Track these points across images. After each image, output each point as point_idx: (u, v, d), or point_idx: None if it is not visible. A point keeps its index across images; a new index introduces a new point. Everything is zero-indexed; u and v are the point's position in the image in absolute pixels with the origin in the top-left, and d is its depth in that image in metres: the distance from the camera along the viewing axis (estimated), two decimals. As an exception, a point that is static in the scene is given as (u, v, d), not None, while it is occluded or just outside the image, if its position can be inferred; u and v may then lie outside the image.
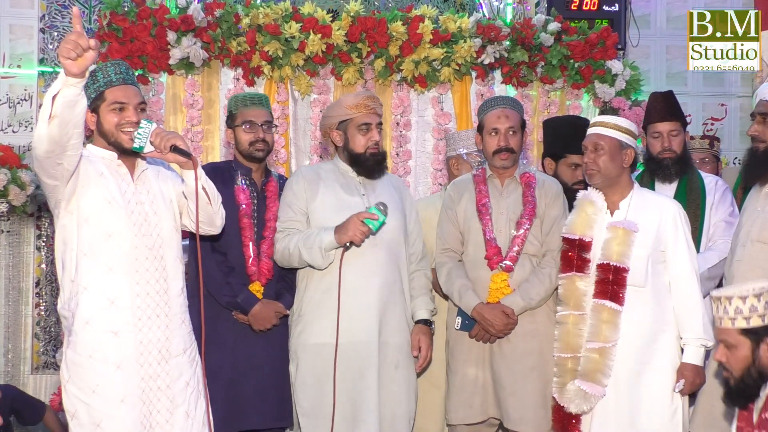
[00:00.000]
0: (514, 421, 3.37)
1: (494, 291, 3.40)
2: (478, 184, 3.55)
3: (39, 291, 5.13)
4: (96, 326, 2.69)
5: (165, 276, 2.81)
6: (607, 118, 3.32)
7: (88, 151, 2.80)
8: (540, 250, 3.47)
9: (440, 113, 5.22)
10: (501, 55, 5.13)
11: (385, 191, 3.47)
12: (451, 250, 3.56)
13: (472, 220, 3.50)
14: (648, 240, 3.15)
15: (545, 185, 3.54)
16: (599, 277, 3.15)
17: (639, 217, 3.19)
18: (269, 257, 3.45)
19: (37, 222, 5.12)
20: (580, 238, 3.20)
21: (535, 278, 3.41)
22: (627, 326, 3.14)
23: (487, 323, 3.35)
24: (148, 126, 2.68)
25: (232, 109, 3.56)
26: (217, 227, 2.99)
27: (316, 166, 3.65)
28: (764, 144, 3.20)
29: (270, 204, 3.52)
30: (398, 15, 5.04)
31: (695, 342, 3.12)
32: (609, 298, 3.11)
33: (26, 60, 5.20)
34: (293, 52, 4.93)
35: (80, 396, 2.68)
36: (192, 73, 4.97)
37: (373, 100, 3.45)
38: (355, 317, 3.30)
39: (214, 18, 4.87)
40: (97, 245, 2.70)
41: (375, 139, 3.41)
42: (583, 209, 3.26)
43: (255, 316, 3.36)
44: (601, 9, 5.44)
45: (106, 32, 4.80)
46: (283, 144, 5.04)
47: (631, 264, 3.13)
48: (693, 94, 5.88)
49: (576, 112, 5.30)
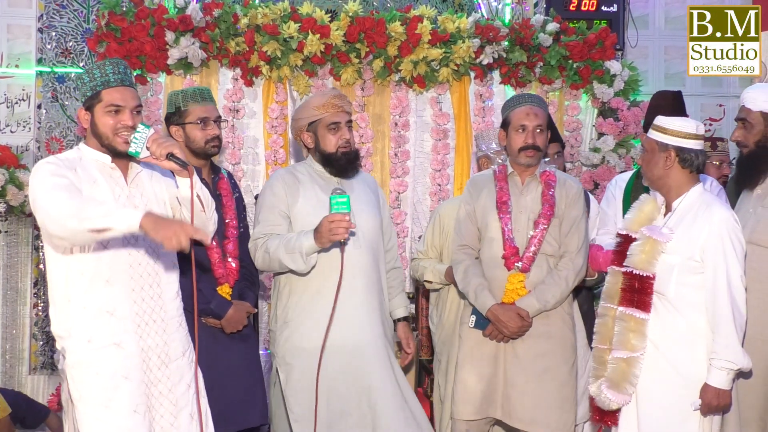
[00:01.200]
0: (524, 422, 3.35)
1: (510, 291, 3.38)
2: (499, 181, 3.51)
3: (37, 291, 5.12)
4: (97, 343, 2.67)
5: (158, 281, 2.80)
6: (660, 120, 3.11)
7: (80, 152, 2.76)
8: (558, 251, 3.42)
9: (439, 113, 5.21)
10: (499, 55, 5.13)
11: (360, 190, 3.49)
12: (469, 247, 3.53)
13: (491, 217, 3.46)
14: (683, 247, 2.98)
15: (566, 185, 3.49)
16: (625, 284, 3.04)
17: (684, 220, 3.03)
18: (235, 257, 3.43)
19: (35, 222, 5.09)
20: (628, 234, 3.10)
21: (552, 280, 3.38)
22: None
23: (502, 324, 3.33)
24: (145, 131, 2.64)
25: (180, 105, 3.45)
26: (209, 233, 2.94)
27: (291, 168, 3.59)
28: (747, 148, 3.25)
29: (226, 202, 3.48)
30: (397, 15, 5.04)
31: (718, 363, 2.91)
32: (636, 306, 3.00)
33: (24, 60, 5.19)
34: (292, 53, 4.93)
35: (94, 413, 2.65)
36: (190, 73, 4.96)
37: (340, 99, 3.44)
38: (343, 319, 3.30)
39: (212, 18, 4.86)
40: (94, 260, 2.67)
41: (345, 137, 3.40)
42: (642, 208, 3.16)
43: (229, 320, 3.34)
44: (600, 9, 5.43)
45: (104, 32, 4.79)
46: (281, 144, 5.04)
47: (657, 270, 3.01)
48: (691, 95, 5.87)
49: (574, 113, 5.30)
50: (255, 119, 5.08)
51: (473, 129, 5.16)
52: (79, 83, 2.76)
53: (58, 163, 2.68)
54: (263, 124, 5.06)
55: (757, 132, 3.22)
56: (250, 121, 5.08)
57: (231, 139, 5.00)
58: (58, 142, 5.18)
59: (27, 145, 5.16)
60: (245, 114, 5.06)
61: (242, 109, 5.04)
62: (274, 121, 5.04)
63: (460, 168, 5.21)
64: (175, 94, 3.51)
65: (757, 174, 3.25)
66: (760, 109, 3.22)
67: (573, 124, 5.32)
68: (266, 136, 5.06)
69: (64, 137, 5.19)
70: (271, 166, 4.99)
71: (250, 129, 5.08)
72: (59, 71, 5.20)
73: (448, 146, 5.23)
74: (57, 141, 5.18)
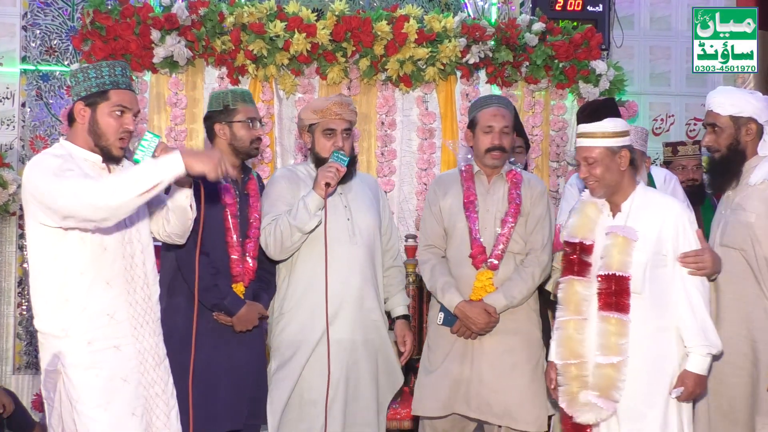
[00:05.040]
0: (498, 416, 3.39)
1: (478, 289, 3.43)
2: (465, 180, 3.56)
3: (21, 290, 5.09)
4: (97, 345, 2.66)
5: (148, 283, 2.82)
6: (590, 128, 3.10)
7: (65, 149, 2.70)
8: (524, 249, 3.49)
9: (425, 113, 5.22)
10: (486, 54, 5.14)
11: (359, 189, 3.56)
12: (435, 247, 3.58)
13: (458, 216, 3.51)
14: (647, 244, 3.02)
15: (531, 184, 3.56)
16: (602, 288, 3.02)
17: (640, 219, 3.06)
18: (254, 257, 3.45)
19: (20, 221, 5.07)
20: (581, 242, 3.09)
21: (518, 277, 3.43)
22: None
23: (470, 321, 3.38)
24: (153, 140, 2.61)
25: (228, 103, 3.45)
26: (184, 240, 3.00)
27: (293, 168, 3.67)
28: (719, 153, 3.24)
29: (253, 203, 3.51)
30: (383, 14, 5.04)
31: (700, 350, 2.97)
32: (615, 310, 2.98)
33: (8, 58, 5.17)
34: (278, 51, 4.92)
35: (92, 414, 2.64)
36: (176, 71, 4.95)
37: (341, 106, 3.46)
38: (337, 313, 3.37)
39: (198, 16, 4.85)
40: (95, 262, 2.66)
41: (338, 145, 3.42)
42: (585, 212, 3.14)
43: (240, 318, 3.35)
44: (586, 9, 5.45)
45: (89, 30, 4.77)
46: (268, 143, 5.03)
47: (632, 272, 3.01)
48: (676, 95, 5.92)
49: (560, 112, 5.32)
50: (241, 118, 5.06)
51: (459, 128, 5.17)
52: (80, 77, 2.68)
53: (57, 159, 2.63)
54: (249, 123, 5.05)
55: (727, 135, 3.23)
56: (237, 120, 5.06)
57: (217, 138, 4.99)
58: (42, 141, 5.15)
59: (11, 144, 5.13)
60: (231, 113, 5.04)
61: (228, 107, 5.03)
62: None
63: (446, 167, 5.20)
64: (223, 93, 3.50)
65: (730, 177, 3.25)
66: (729, 113, 3.22)
67: (559, 123, 5.34)
68: (252, 135, 5.05)
69: (49, 135, 5.17)
70: (257, 165, 4.98)
71: (236, 128, 5.06)
72: (44, 69, 5.17)
73: (434, 145, 5.23)
74: (41, 139, 5.16)
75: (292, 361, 3.39)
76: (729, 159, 3.24)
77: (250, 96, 3.57)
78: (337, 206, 3.43)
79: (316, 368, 3.35)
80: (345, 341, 3.39)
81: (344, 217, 3.45)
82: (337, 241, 3.38)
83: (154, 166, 2.49)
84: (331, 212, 3.36)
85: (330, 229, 3.35)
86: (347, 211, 3.47)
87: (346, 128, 3.46)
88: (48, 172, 2.56)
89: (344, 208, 3.47)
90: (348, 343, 3.40)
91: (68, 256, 2.64)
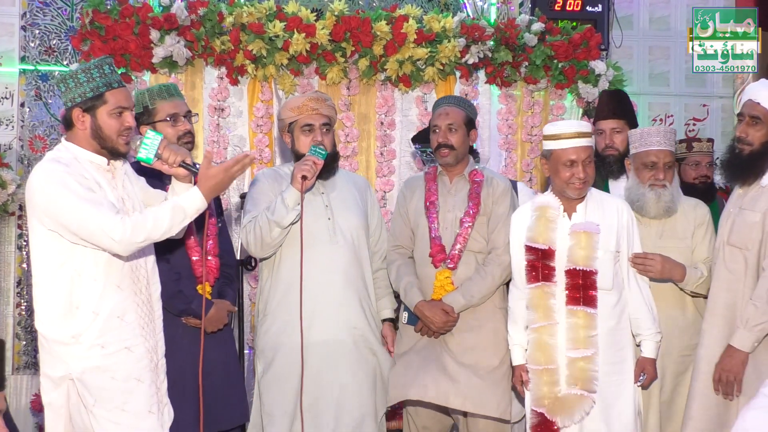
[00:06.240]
0: (460, 402, 3.39)
1: (438, 288, 3.47)
2: (428, 181, 3.62)
3: (20, 291, 5.09)
4: (110, 348, 2.67)
5: (149, 282, 2.84)
6: (587, 127, 3.24)
7: (70, 152, 2.70)
8: (486, 248, 3.50)
9: (424, 113, 5.22)
10: (485, 55, 5.14)
11: (344, 189, 3.54)
12: (402, 247, 3.64)
13: (421, 217, 3.57)
14: (609, 242, 3.16)
15: (493, 183, 3.58)
16: (569, 283, 3.11)
17: (596, 219, 3.18)
18: (215, 255, 3.42)
19: (18, 221, 5.07)
20: (543, 248, 3.15)
21: (478, 276, 3.45)
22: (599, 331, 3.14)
23: (428, 320, 3.42)
24: (156, 137, 2.62)
25: (147, 103, 3.32)
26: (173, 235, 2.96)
27: (276, 168, 3.68)
28: (750, 147, 3.13)
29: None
30: (382, 14, 5.04)
31: (656, 337, 3.22)
32: (582, 304, 3.08)
33: (7, 58, 5.16)
34: (277, 51, 4.92)
35: (110, 417, 2.66)
36: (175, 71, 4.95)
37: (317, 101, 3.45)
38: (317, 314, 3.35)
39: (197, 16, 4.85)
40: (107, 267, 2.67)
41: (317, 140, 3.40)
42: (542, 216, 3.20)
43: (210, 320, 3.32)
44: (585, 10, 5.46)
45: (88, 30, 4.76)
46: (267, 143, 5.03)
47: (597, 267, 3.12)
48: (675, 95, 5.93)
49: (559, 113, 5.32)
50: (240, 118, 5.07)
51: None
52: (72, 83, 2.67)
53: (66, 167, 2.62)
54: (249, 123, 5.05)
55: (767, 132, 3.09)
56: (236, 120, 5.06)
57: (216, 138, 4.99)
58: (41, 141, 5.15)
59: (10, 144, 5.13)
60: (230, 113, 5.04)
61: (227, 108, 5.03)
62: (260, 120, 5.03)
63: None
64: (141, 94, 3.38)
65: (753, 174, 3.14)
66: None
67: (558, 123, 5.33)
68: (252, 135, 5.05)
69: (48, 135, 5.17)
70: (256, 165, 4.98)
71: (235, 128, 5.07)
72: (43, 69, 5.17)
73: (433, 145, 5.23)
74: (40, 139, 5.15)
75: (274, 364, 3.39)
76: (758, 156, 3.13)
77: (172, 89, 3.39)
78: (318, 205, 3.43)
79: (294, 371, 3.32)
80: (324, 343, 3.37)
81: (324, 216, 3.44)
82: (317, 240, 3.38)
83: (178, 208, 2.63)
84: (310, 211, 3.35)
85: (309, 228, 3.34)
86: (328, 210, 3.46)
87: (324, 123, 3.45)
88: (64, 190, 2.57)
89: (325, 208, 3.45)
90: (329, 344, 3.37)
91: (80, 264, 2.64)
